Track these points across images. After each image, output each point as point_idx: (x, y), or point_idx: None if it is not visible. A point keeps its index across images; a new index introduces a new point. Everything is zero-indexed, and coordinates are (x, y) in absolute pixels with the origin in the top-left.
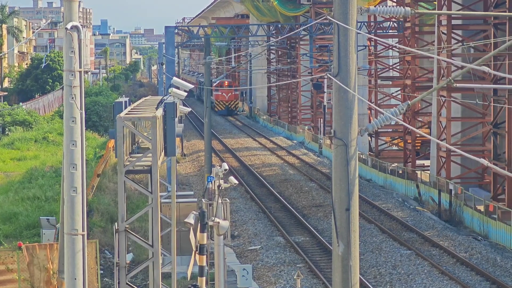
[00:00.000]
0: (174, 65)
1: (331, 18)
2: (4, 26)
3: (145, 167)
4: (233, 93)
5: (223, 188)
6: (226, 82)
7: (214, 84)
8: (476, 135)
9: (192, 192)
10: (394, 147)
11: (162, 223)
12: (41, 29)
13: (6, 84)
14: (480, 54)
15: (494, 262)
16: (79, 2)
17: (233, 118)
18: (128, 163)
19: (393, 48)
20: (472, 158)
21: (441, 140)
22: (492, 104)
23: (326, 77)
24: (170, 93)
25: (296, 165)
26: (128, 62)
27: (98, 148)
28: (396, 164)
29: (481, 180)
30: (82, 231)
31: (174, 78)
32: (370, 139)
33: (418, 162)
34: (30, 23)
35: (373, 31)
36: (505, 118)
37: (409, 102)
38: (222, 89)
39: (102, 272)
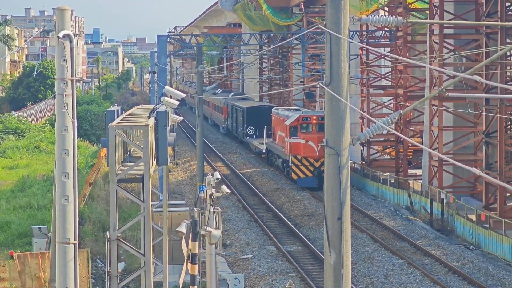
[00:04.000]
0: (166, 74)
1: (323, 27)
2: None
3: (137, 176)
4: None
5: (215, 197)
6: (315, 117)
7: (289, 123)
8: (468, 145)
9: (184, 201)
10: (386, 156)
11: (154, 232)
12: (33, 38)
13: None
14: (472, 63)
15: (486, 271)
16: (71, 10)
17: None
18: (120, 172)
19: (385, 57)
20: (464, 167)
21: (433, 149)
22: (484, 113)
23: (318, 86)
24: (162, 101)
25: None
26: (120, 70)
27: (90, 157)
28: (388, 173)
29: (473, 190)
30: (74, 240)
31: (167, 87)
32: (362, 148)
33: (410, 171)
34: (22, 32)
35: (365, 40)
36: (497, 127)
37: (401, 111)
38: (307, 134)
39: (93, 281)
